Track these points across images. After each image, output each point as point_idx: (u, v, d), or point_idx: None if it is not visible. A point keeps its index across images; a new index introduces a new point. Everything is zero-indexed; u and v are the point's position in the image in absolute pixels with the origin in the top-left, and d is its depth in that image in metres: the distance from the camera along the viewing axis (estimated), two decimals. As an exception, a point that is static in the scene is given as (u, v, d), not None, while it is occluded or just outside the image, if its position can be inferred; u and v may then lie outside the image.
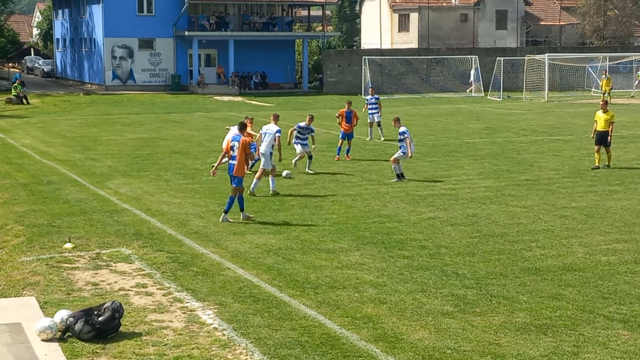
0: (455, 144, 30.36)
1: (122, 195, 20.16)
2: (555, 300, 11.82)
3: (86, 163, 25.93)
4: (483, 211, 18.11)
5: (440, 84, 64.34)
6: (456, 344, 10.11)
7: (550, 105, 50.87)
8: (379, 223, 16.95)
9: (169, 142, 31.45)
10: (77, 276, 13.15)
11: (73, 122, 39.56)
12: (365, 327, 10.71)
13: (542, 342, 10.16)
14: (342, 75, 64.01)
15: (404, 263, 13.87)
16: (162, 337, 10.39)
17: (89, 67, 67.12)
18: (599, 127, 24.53)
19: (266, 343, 10.13)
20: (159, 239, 15.66)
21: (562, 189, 20.79)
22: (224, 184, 21.77)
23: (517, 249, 14.82)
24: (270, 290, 12.34)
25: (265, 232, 16.22)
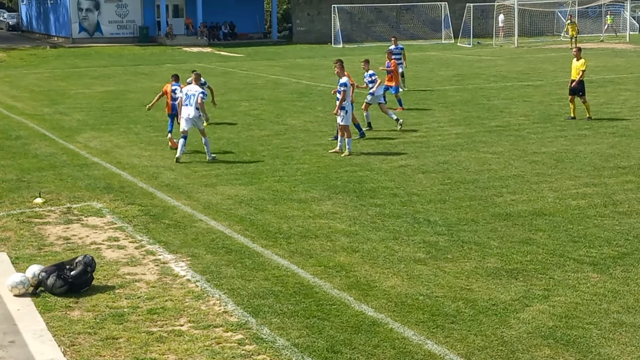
0: (426, 92, 30.35)
1: (91, 149, 20.01)
2: (525, 245, 11.93)
3: (55, 117, 25.66)
4: (454, 158, 18.17)
5: (410, 32, 64.07)
6: (428, 290, 10.19)
7: (520, 50, 50.90)
8: (350, 172, 16.97)
9: (138, 94, 31.16)
10: (48, 231, 13.08)
11: (40, 75, 39.07)
12: (338, 276, 10.77)
13: (513, 287, 10.27)
14: (311, 25, 63.56)
15: (375, 211, 13.92)
16: (135, 289, 10.39)
17: (55, 20, 66.11)
18: (572, 76, 23.91)
19: (239, 294, 10.16)
20: (130, 192, 15.59)
21: (532, 135, 20.88)
22: (194, 135, 21.65)
23: (488, 195, 14.91)
24: (243, 241, 12.35)
25: (237, 183, 16.19)
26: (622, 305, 9.60)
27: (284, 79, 36.13)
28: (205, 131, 18.90)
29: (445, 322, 9.22)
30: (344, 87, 18.49)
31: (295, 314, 9.52)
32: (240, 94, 30.70)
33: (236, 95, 30.36)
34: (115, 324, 9.29)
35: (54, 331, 9.11)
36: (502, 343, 8.68)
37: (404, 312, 9.52)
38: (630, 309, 9.51)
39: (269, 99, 29.09)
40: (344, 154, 18.58)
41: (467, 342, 8.71)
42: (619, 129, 21.54)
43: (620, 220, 13.09)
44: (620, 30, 61.85)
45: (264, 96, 29.95)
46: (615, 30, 61.73)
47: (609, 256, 11.38)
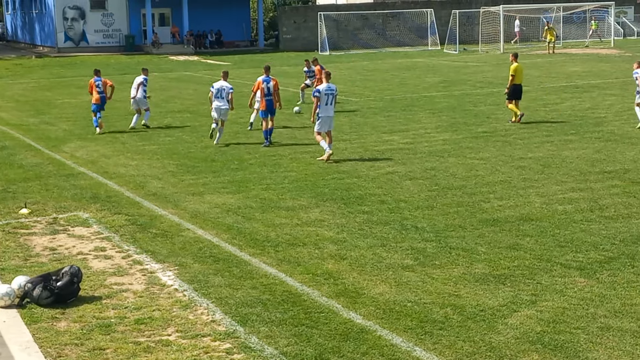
0: (413, 98, 30.41)
1: (78, 159, 19.94)
2: (513, 251, 11.94)
3: (40, 127, 25.58)
4: (441, 164, 18.20)
5: (397, 38, 64.24)
6: (416, 297, 10.18)
7: (506, 57, 50.99)
8: (338, 179, 16.96)
9: (124, 103, 31.01)
10: (34, 241, 13.01)
11: (26, 85, 38.97)
12: (326, 283, 10.75)
13: (500, 292, 10.28)
14: (298, 32, 63.64)
15: (363, 218, 13.91)
16: (122, 300, 10.34)
17: (41, 30, 65.98)
18: (520, 80, 23.91)
19: (227, 302, 10.13)
20: (117, 201, 15.54)
21: (518, 140, 20.93)
22: (181, 144, 21.66)
23: (475, 200, 14.92)
24: (231, 250, 12.32)
25: (224, 191, 16.16)
26: (609, 310, 9.61)
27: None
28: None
29: (433, 329, 9.21)
30: (317, 93, 18.70)
31: (284, 322, 9.49)
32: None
33: (223, 104, 30.28)
34: (103, 335, 9.24)
35: (41, 343, 9.05)
36: (490, 349, 8.68)
37: (392, 319, 9.51)
38: (618, 313, 9.52)
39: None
40: (322, 158, 18.68)
41: (455, 348, 8.71)
42: (605, 133, 21.62)
43: (607, 225, 13.12)
44: (604, 36, 62.17)
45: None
46: (600, 36, 62.04)
47: (595, 261, 11.40)
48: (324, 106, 18.61)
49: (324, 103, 18.60)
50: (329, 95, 18.65)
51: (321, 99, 18.59)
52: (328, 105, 18.67)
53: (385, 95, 31.77)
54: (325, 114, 18.66)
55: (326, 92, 18.63)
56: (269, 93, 21.07)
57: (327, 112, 18.68)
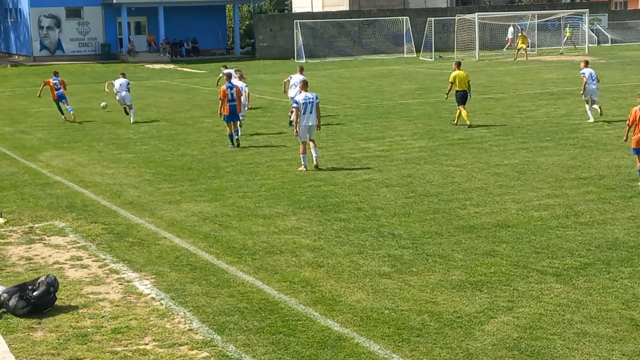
0: (389, 105, 30.50)
1: (54, 168, 19.84)
2: (489, 257, 12.00)
3: (16, 136, 25.44)
4: (418, 171, 18.26)
5: (373, 46, 64.42)
6: (394, 304, 10.21)
7: (481, 64, 51.33)
8: (314, 187, 16.98)
9: (100, 112, 30.95)
10: (10, 251, 12.93)
11: (1, 94, 38.75)
12: (303, 291, 10.75)
13: (477, 299, 10.33)
14: (274, 40, 63.65)
15: (340, 226, 13.93)
16: (99, 309, 10.30)
17: (16, 38, 65.59)
18: (463, 87, 24.76)
19: (205, 311, 10.11)
20: (93, 210, 15.47)
21: (494, 147, 21.05)
22: (157, 152, 21.61)
23: (452, 207, 14.99)
24: (208, 258, 12.30)
25: (200, 199, 16.13)
26: (585, 316, 9.68)
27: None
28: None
29: (410, 336, 9.24)
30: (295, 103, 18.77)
31: (261, 330, 9.49)
32: (203, 111, 30.63)
33: (199, 112, 30.29)
34: (79, 344, 9.19)
35: (17, 353, 8.99)
36: (467, 355, 8.72)
37: (369, 327, 9.53)
38: (594, 318, 9.59)
39: (232, 115, 28.96)
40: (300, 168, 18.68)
41: (432, 355, 8.74)
42: (580, 140, 21.78)
43: (582, 231, 13.22)
44: (579, 43, 62.65)
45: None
46: (574, 43, 62.51)
47: (571, 267, 11.48)
48: (302, 115, 18.62)
49: (303, 112, 18.62)
50: (307, 104, 18.66)
51: (300, 109, 18.61)
52: (307, 114, 18.66)
53: (361, 102, 31.85)
54: (304, 122, 18.65)
55: (304, 101, 18.65)
56: (232, 99, 21.84)
57: (307, 120, 18.67)
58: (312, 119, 18.75)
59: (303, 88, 19.15)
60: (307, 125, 18.69)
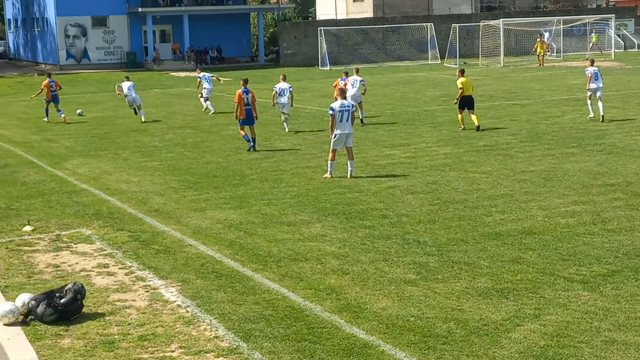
0: (413, 112, 30.46)
1: (80, 176, 19.98)
2: (515, 264, 11.94)
3: (43, 144, 25.64)
4: (442, 178, 18.21)
5: (397, 53, 64.41)
6: (419, 312, 10.18)
7: (507, 70, 51.17)
8: (339, 194, 16.98)
9: (126, 120, 31.19)
10: (37, 259, 13.03)
11: (28, 103, 39.05)
12: (328, 298, 10.75)
13: (504, 306, 10.27)
14: (298, 47, 63.82)
15: (365, 233, 13.92)
16: (125, 316, 10.35)
17: (43, 47, 66.21)
18: (469, 92, 25.66)
19: (230, 318, 10.13)
20: (119, 218, 15.56)
21: (520, 154, 20.96)
22: (183, 160, 21.71)
23: (477, 214, 14.93)
24: (233, 265, 12.32)
25: (226, 207, 16.17)
26: (613, 323, 9.60)
27: (271, 102, 36.13)
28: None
29: (437, 343, 9.20)
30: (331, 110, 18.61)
31: (287, 337, 9.49)
32: (228, 118, 30.70)
33: (224, 119, 30.39)
34: (106, 352, 9.24)
35: (45, 359, 9.06)
36: (494, 363, 8.67)
37: (395, 334, 9.51)
38: (621, 326, 9.51)
39: (257, 122, 29.04)
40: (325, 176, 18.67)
41: (459, 363, 8.70)
42: (606, 146, 21.63)
43: (610, 238, 13.12)
44: (605, 48, 62.29)
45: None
46: (601, 49, 62.16)
47: (599, 274, 11.39)
48: (339, 123, 18.55)
49: (339, 120, 18.54)
50: (343, 112, 18.58)
51: (336, 116, 18.55)
52: (344, 122, 18.56)
53: (385, 109, 31.83)
54: (340, 130, 18.58)
55: (340, 109, 18.57)
56: (247, 103, 22.65)
57: (343, 129, 18.59)
58: (349, 127, 18.63)
59: (340, 95, 18.99)
60: (343, 133, 18.61)
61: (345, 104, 18.70)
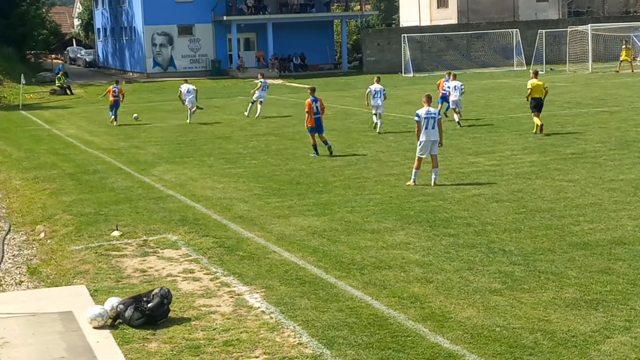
0: (498, 119, 30.09)
1: (166, 182, 20.30)
2: (605, 275, 11.67)
3: (130, 151, 26.15)
4: (529, 186, 17.93)
5: (482, 59, 63.78)
6: (505, 322, 10.03)
7: (595, 76, 50.16)
8: (423, 202, 16.87)
9: (211, 127, 31.61)
10: (125, 263, 13.28)
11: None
12: (412, 307, 10.68)
13: (592, 318, 10.05)
14: (381, 54, 63.74)
15: (449, 241, 13.79)
16: (210, 321, 10.46)
17: (130, 56, 67.63)
18: (538, 94, 25.95)
19: (314, 325, 10.15)
20: (205, 224, 15.75)
21: (609, 162, 20.50)
22: (266, 167, 21.88)
23: (565, 223, 14.65)
24: (316, 272, 12.35)
25: (309, 214, 16.22)
26: None
27: (354, 109, 36.25)
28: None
29: (523, 354, 9.05)
30: (416, 117, 18.52)
31: (370, 345, 9.46)
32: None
33: (308, 127, 30.47)
34: (192, 356, 9.36)
35: (132, 363, 9.22)
36: (582, 376, 8.49)
37: (480, 344, 9.39)
38: None
39: (340, 130, 29.18)
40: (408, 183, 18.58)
41: (546, 375, 8.54)
42: (699, 154, 21.00)
43: (703, 249, 12.72)
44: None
45: (334, 127, 30.05)
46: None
47: (692, 286, 11.06)
48: (424, 130, 18.46)
49: (424, 127, 18.44)
50: (428, 119, 18.46)
51: (421, 123, 18.46)
52: (429, 129, 18.45)
53: (470, 116, 31.52)
54: (425, 138, 18.48)
55: (426, 115, 18.47)
56: (317, 112, 23.11)
57: (428, 136, 18.48)
58: (434, 134, 18.50)
59: (426, 102, 18.86)
60: (429, 140, 18.50)
61: (432, 111, 18.56)
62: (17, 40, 66.37)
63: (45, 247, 15.26)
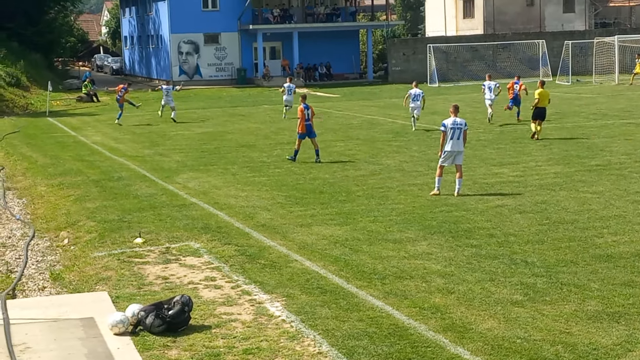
0: (523, 130, 29.95)
1: (190, 190, 20.38)
2: (628, 288, 11.59)
3: (155, 158, 26.28)
4: (552, 198, 17.84)
5: (507, 70, 63.48)
6: (526, 334, 9.98)
7: (621, 88, 49.83)
8: (446, 212, 16.83)
9: (235, 135, 31.70)
10: (147, 270, 13.34)
11: (142, 118, 40.15)
12: (433, 317, 10.65)
13: (614, 331, 9.98)
14: (407, 64, 63.71)
15: (471, 252, 13.75)
16: (231, 329, 10.48)
17: (157, 64, 68.04)
18: (544, 103, 27.48)
19: (334, 334, 10.14)
20: (227, 232, 15.79)
21: (634, 174, 20.35)
22: (290, 176, 21.91)
23: (588, 235, 14.56)
24: (338, 282, 12.35)
25: (331, 223, 16.23)
26: None
27: (379, 119, 36.23)
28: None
29: (543, 367, 9.00)
30: (442, 127, 18.53)
31: (390, 355, 9.45)
32: (336, 134, 30.90)
33: (332, 136, 30.56)
34: (211, 364, 9.37)
35: (152, 370, 9.25)
36: (603, 389, 8.42)
37: (501, 356, 9.35)
38: None
39: (364, 139, 29.19)
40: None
41: (566, 388, 8.48)
42: None
43: None
44: None
45: (359, 136, 30.08)
46: None
47: None
48: (449, 140, 18.45)
49: (450, 137, 18.43)
50: (455, 129, 18.44)
51: (447, 133, 18.45)
52: (454, 140, 18.44)
53: (494, 127, 31.43)
54: (450, 148, 18.46)
55: (452, 126, 18.47)
56: (307, 118, 24.19)
57: (453, 146, 18.47)
58: (459, 145, 18.50)
59: (453, 113, 18.80)
60: (453, 150, 18.49)
61: (458, 122, 18.53)
62: (45, 47, 66.95)
63: (68, 253, 15.36)
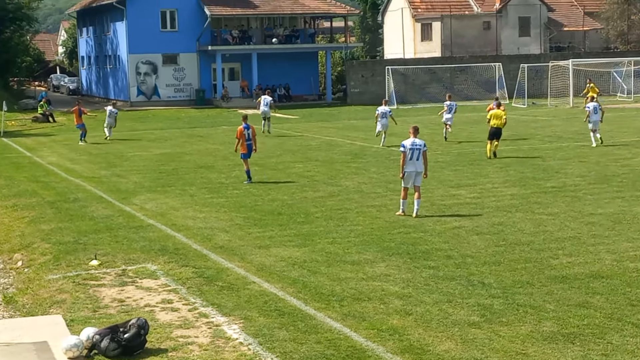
0: (481, 152, 30.22)
1: (147, 211, 20.24)
2: (582, 309, 11.71)
3: (112, 179, 26.08)
4: (509, 219, 18.00)
5: (465, 92, 64.13)
6: (483, 355, 10.03)
7: (576, 111, 50.51)
8: (404, 233, 16.89)
9: (193, 156, 31.59)
10: (103, 293, 13.20)
11: (99, 138, 39.82)
12: (391, 339, 10.66)
13: (570, 352, 10.07)
14: (365, 86, 64.01)
15: (429, 273, 13.81)
16: (187, 352, 10.40)
17: (114, 84, 67.62)
18: (497, 124, 28.51)
19: (292, 357, 10.11)
20: (185, 254, 15.70)
21: (588, 196, 20.62)
22: (248, 197, 21.86)
23: (544, 257, 14.71)
24: (296, 304, 12.32)
25: (290, 244, 16.21)
26: (684, 372, 9.33)
27: (338, 140, 36.34)
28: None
29: (500, 388, 9.04)
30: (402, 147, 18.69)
31: (348, 378, 9.43)
32: (294, 156, 30.93)
33: (290, 157, 30.58)
34: (168, 387, 9.28)
35: (107, 394, 9.13)
36: (559, 410, 8.48)
37: (458, 377, 9.37)
38: (693, 375, 9.23)
39: (323, 160, 29.25)
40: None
41: (523, 409, 8.53)
42: (678, 189, 21.15)
43: (681, 284, 12.78)
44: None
45: (318, 157, 30.14)
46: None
47: (669, 320, 11.10)
48: (409, 161, 18.61)
49: (409, 158, 18.61)
50: (414, 150, 18.63)
51: (407, 154, 18.61)
52: (413, 161, 18.63)
53: (452, 149, 31.67)
54: (409, 169, 18.63)
55: (411, 147, 18.63)
56: (248, 138, 24.62)
57: (412, 167, 18.64)
58: (418, 165, 18.66)
59: (413, 134, 18.95)
60: (412, 171, 18.65)
61: (417, 143, 18.70)
62: (0, 67, 66.25)
63: (22, 276, 15.16)
